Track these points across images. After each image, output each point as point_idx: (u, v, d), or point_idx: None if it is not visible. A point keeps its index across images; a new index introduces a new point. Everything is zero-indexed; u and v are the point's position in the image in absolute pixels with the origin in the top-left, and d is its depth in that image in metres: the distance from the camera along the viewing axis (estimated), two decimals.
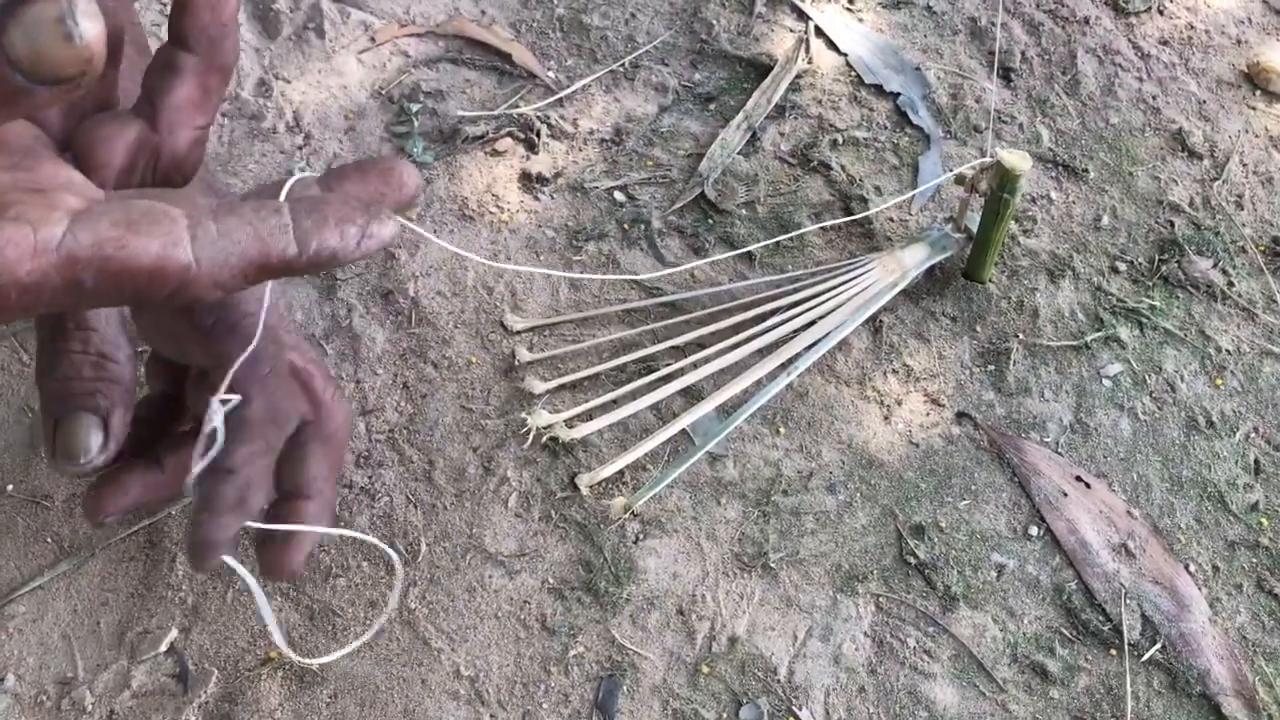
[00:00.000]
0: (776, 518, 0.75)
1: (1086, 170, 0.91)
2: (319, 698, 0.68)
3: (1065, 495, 0.76)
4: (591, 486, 0.75)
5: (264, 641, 0.69)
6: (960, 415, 0.79)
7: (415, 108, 0.91)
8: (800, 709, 0.69)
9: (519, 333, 0.81)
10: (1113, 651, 0.72)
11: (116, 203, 0.37)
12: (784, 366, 0.79)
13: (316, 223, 0.38)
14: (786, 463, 0.77)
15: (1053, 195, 0.90)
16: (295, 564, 0.55)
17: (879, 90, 0.95)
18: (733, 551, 0.74)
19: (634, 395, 0.78)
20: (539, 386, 0.78)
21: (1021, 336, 0.82)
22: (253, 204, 0.37)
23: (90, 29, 0.32)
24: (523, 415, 0.77)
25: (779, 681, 0.70)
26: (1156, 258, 0.87)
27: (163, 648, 0.69)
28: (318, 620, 0.70)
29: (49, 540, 0.72)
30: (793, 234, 0.85)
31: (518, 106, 0.91)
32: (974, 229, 0.82)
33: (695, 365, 0.79)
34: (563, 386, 0.79)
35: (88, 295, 0.37)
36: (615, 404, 0.78)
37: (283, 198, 0.39)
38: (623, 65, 0.94)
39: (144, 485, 0.54)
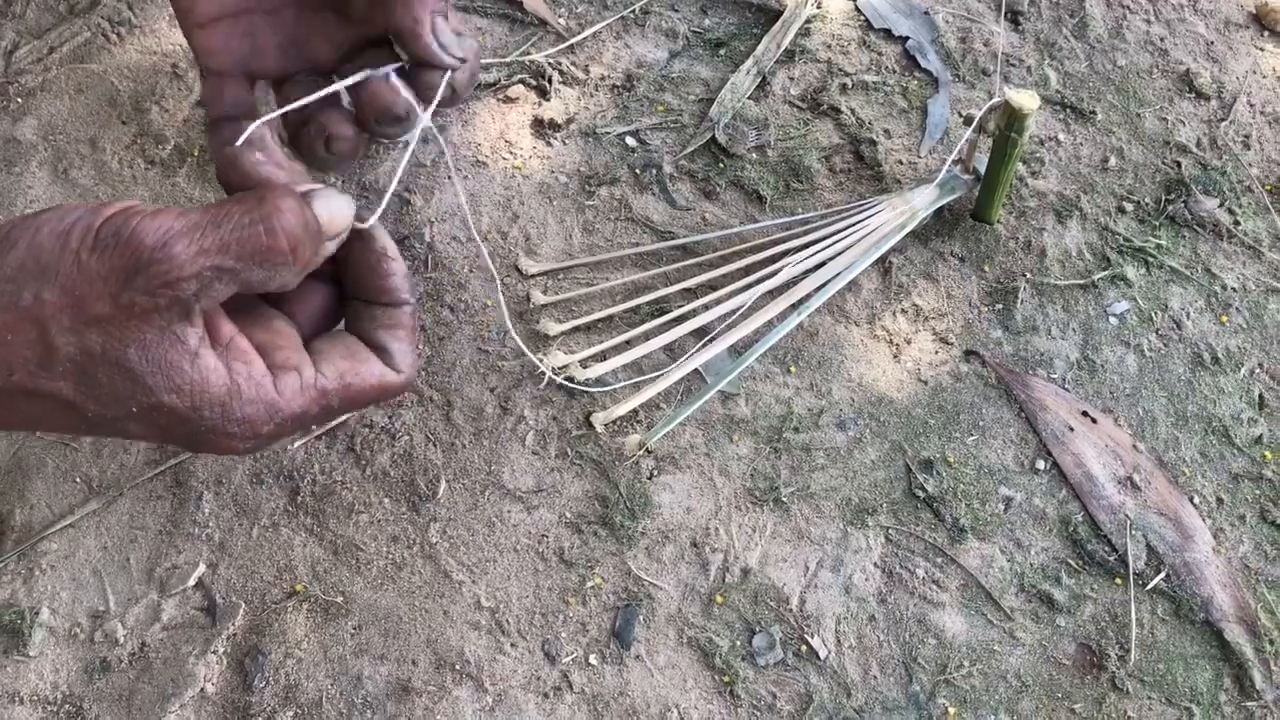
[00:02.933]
0: (788, 454, 0.76)
1: (1094, 112, 0.91)
2: (344, 629, 0.70)
3: (1072, 430, 0.78)
4: (606, 425, 0.76)
5: (289, 575, 0.71)
6: (968, 353, 0.81)
7: None
8: (812, 637, 0.71)
9: (533, 276, 0.83)
10: (1118, 581, 0.73)
11: (335, 341, 0.50)
12: (794, 307, 0.80)
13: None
14: (797, 400, 0.78)
15: (1060, 137, 0.90)
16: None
17: (888, 34, 0.95)
18: (745, 486, 0.75)
19: (647, 336, 0.80)
20: (554, 328, 0.80)
21: (1029, 276, 0.83)
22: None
23: (351, 208, 0.49)
24: (539, 356, 0.78)
25: (791, 611, 0.71)
26: (1163, 198, 0.87)
27: (191, 582, 0.71)
28: (341, 555, 0.72)
29: (78, 480, 0.74)
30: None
31: (529, 54, 0.92)
32: (982, 170, 0.83)
33: (707, 306, 0.80)
34: (577, 328, 0.80)
35: (334, 413, 0.49)
36: (629, 345, 0.79)
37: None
38: (633, 11, 0.95)
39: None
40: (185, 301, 0.43)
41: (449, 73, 0.59)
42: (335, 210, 0.48)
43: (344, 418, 0.60)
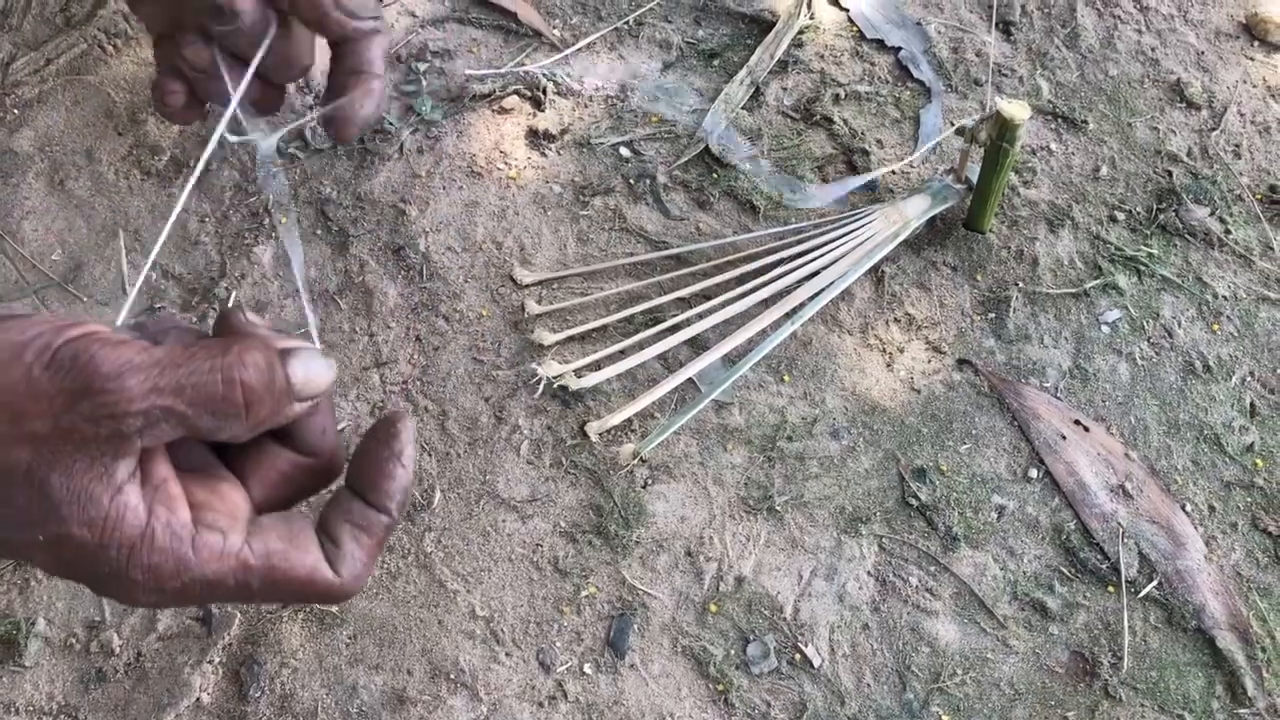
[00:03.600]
0: (781, 462, 0.77)
1: (1086, 122, 0.92)
2: (339, 639, 0.70)
3: (1064, 438, 0.78)
4: (601, 434, 0.77)
5: None
6: (961, 362, 0.81)
7: (423, 67, 0.92)
8: (805, 645, 0.71)
9: (528, 286, 0.83)
10: (1110, 589, 0.73)
11: (279, 520, 0.47)
12: (788, 316, 0.81)
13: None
14: (791, 409, 0.79)
15: (1052, 147, 0.91)
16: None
17: (880, 45, 0.96)
18: (739, 495, 0.75)
19: (641, 346, 0.80)
20: (548, 338, 0.80)
21: (1021, 285, 0.84)
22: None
23: (330, 375, 0.46)
24: (533, 366, 0.78)
25: (785, 619, 0.72)
26: (1155, 207, 0.88)
27: None
28: None
29: None
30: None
31: (524, 65, 0.93)
32: (974, 180, 0.83)
33: (701, 316, 0.81)
34: (571, 338, 0.81)
35: (253, 595, 0.45)
36: (623, 354, 0.80)
37: None
38: (627, 23, 0.95)
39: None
40: (127, 437, 0.42)
41: (378, 34, 0.60)
42: (313, 374, 0.47)
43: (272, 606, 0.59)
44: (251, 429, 0.45)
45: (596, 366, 0.79)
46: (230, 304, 0.80)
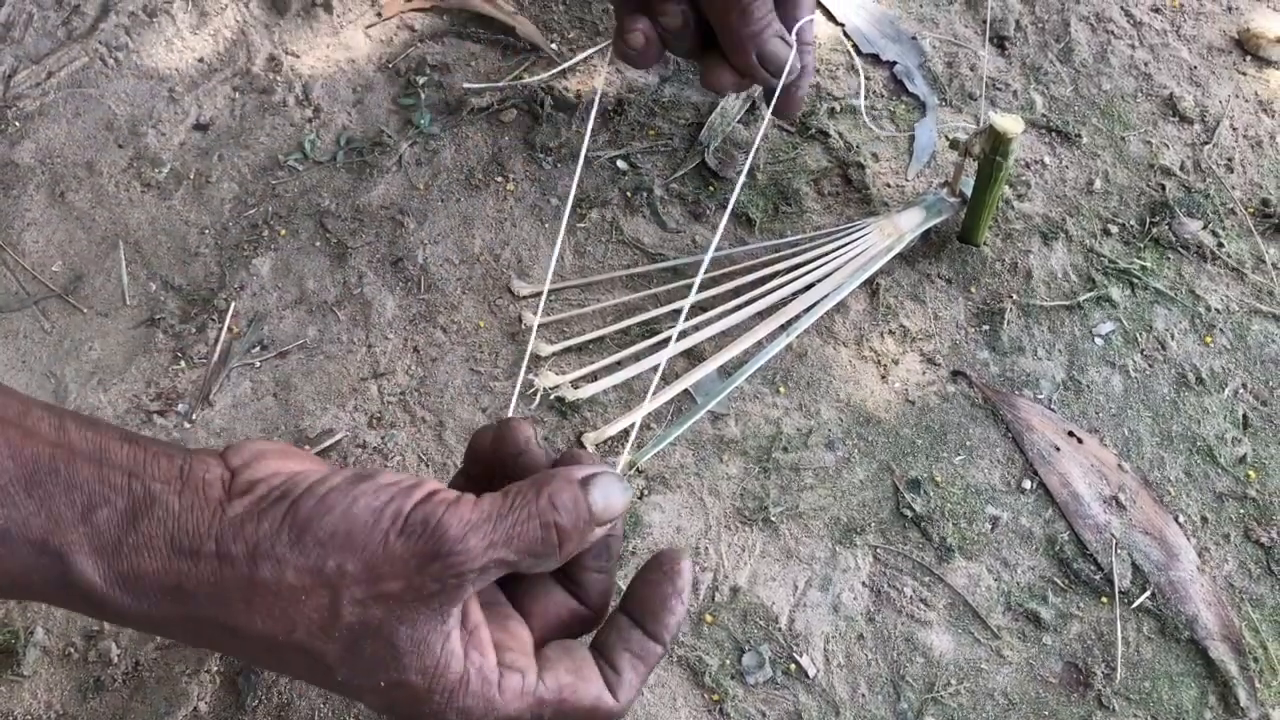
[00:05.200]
0: (777, 473, 0.77)
1: (1079, 135, 0.93)
2: None
3: (1058, 450, 0.79)
4: (598, 444, 0.77)
5: None
6: (955, 373, 0.82)
7: (422, 80, 0.93)
8: (801, 656, 0.71)
9: (525, 298, 0.83)
10: (1104, 599, 0.74)
11: (563, 653, 0.52)
12: (783, 328, 0.81)
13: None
14: (786, 421, 0.79)
15: (1046, 160, 0.92)
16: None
17: (875, 59, 0.96)
18: (734, 506, 0.76)
19: (637, 357, 0.80)
20: (545, 349, 0.81)
21: (1015, 297, 0.84)
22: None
23: (627, 497, 0.52)
24: (530, 377, 0.79)
25: (780, 630, 0.72)
26: (1148, 220, 0.89)
27: None
28: None
29: None
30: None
31: (522, 78, 0.93)
32: (968, 193, 0.84)
33: (697, 327, 0.81)
34: (568, 349, 0.81)
35: None
36: (619, 365, 0.80)
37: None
38: None
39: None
40: (465, 589, 0.47)
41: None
42: (611, 499, 0.51)
43: None
44: (560, 562, 0.51)
45: (593, 377, 0.80)
46: (231, 314, 0.81)
